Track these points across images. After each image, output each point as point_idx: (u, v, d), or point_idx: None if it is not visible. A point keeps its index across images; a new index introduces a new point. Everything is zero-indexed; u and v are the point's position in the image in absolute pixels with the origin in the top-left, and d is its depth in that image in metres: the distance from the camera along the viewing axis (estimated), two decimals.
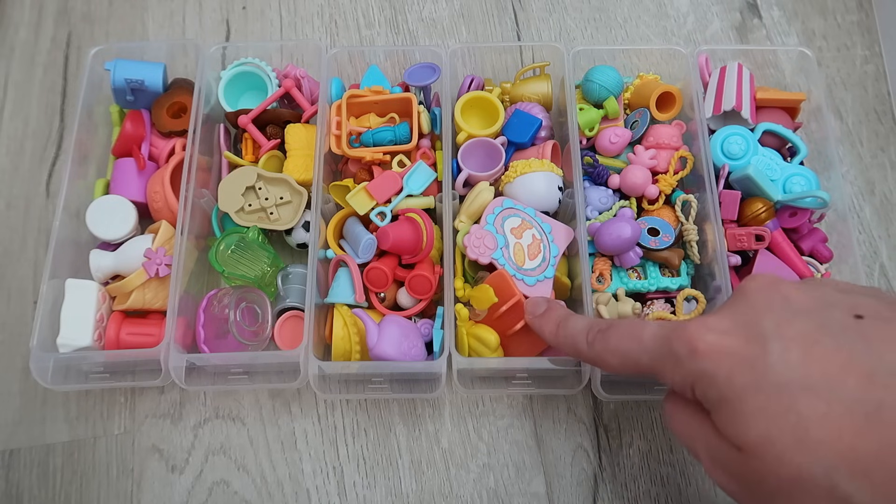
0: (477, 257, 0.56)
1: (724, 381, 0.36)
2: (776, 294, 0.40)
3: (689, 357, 0.38)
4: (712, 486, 0.58)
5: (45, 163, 0.71)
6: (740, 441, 0.36)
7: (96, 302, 0.58)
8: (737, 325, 0.38)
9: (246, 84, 0.69)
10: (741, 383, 0.36)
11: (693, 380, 0.38)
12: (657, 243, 0.60)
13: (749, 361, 0.36)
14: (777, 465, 0.34)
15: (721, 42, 0.77)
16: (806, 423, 0.34)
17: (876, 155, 0.71)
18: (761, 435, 0.35)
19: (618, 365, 0.44)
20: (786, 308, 0.38)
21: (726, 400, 0.36)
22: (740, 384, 0.36)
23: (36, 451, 0.59)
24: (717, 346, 0.37)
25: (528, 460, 0.59)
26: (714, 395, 0.37)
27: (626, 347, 0.43)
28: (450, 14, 0.78)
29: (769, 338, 0.37)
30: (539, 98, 0.67)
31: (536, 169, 0.61)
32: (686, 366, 0.38)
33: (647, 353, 0.42)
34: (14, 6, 0.78)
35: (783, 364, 0.35)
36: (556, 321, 0.50)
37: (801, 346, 0.36)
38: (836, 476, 0.33)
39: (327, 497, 0.58)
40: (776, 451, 0.34)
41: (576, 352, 0.48)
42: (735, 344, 0.37)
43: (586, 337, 0.46)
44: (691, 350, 0.38)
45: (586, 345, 0.46)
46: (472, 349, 0.56)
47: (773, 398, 0.35)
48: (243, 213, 0.62)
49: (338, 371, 0.59)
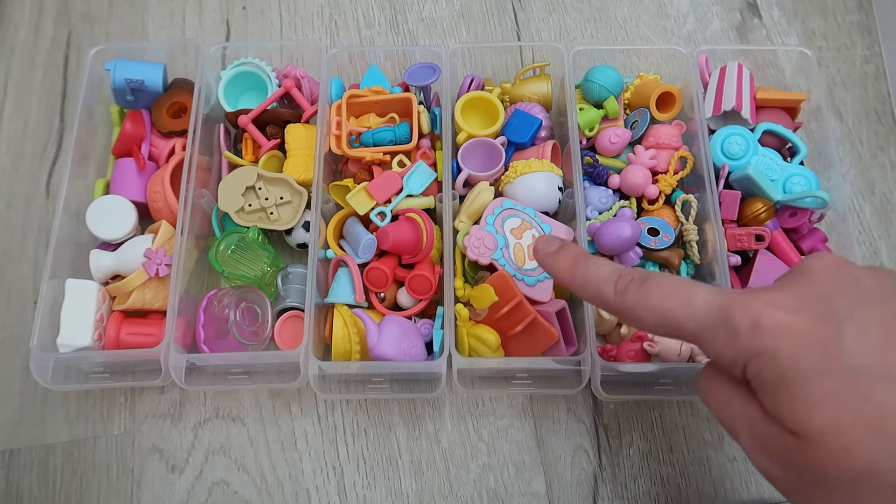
0: (477, 258, 0.56)
1: (788, 361, 0.33)
2: (846, 275, 0.37)
3: (750, 331, 0.35)
4: (712, 485, 0.58)
5: (45, 163, 0.71)
6: (801, 426, 0.33)
7: (96, 302, 0.58)
8: (805, 304, 0.35)
9: (246, 84, 0.69)
10: (808, 365, 0.33)
11: (749, 356, 0.35)
12: (657, 243, 0.60)
13: (820, 343, 0.33)
14: (843, 455, 0.32)
15: (721, 42, 0.77)
16: (882, 414, 0.31)
17: (876, 155, 0.71)
18: (828, 422, 0.32)
19: (654, 323, 0.39)
20: (858, 291, 0.36)
21: (787, 381, 0.34)
22: (807, 366, 0.33)
23: (36, 451, 0.59)
24: (785, 323, 0.34)
25: (528, 460, 0.59)
26: (773, 374, 0.34)
27: (670, 306, 0.38)
28: (450, 14, 0.78)
29: (843, 319, 0.34)
30: (539, 98, 0.67)
31: (536, 169, 0.61)
32: (744, 340, 0.35)
33: (696, 319, 0.37)
34: (14, 6, 0.78)
35: (859, 348, 0.33)
36: (572, 259, 0.44)
37: (879, 331, 0.33)
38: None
39: (327, 497, 0.58)
40: (845, 440, 0.32)
41: (598, 298, 0.42)
42: (805, 322, 0.34)
43: (615, 284, 0.41)
44: (755, 325, 0.35)
45: (614, 293, 0.41)
46: (473, 349, 0.56)
47: (845, 383, 0.32)
48: (243, 213, 0.62)
49: (338, 371, 0.59)
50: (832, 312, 0.34)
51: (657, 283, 0.39)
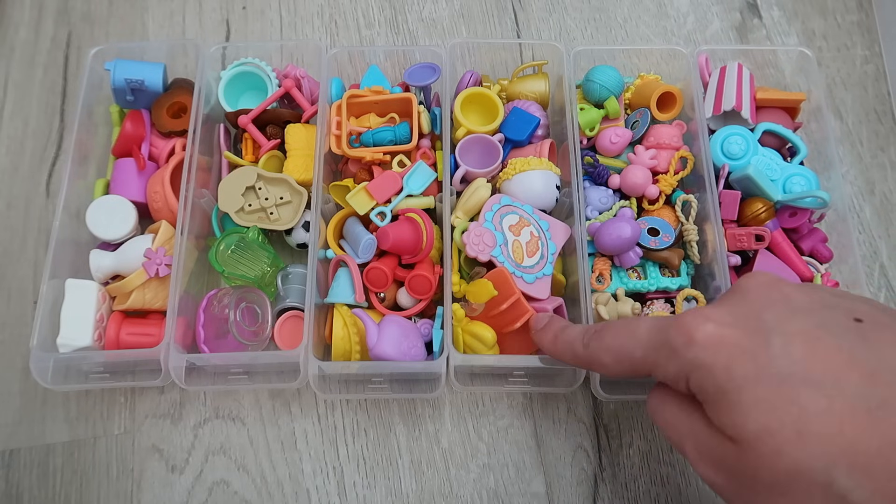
0: (476, 254, 0.56)
1: (723, 372, 0.36)
2: (776, 292, 0.39)
3: (685, 347, 0.38)
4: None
5: (45, 163, 0.71)
6: (737, 433, 0.35)
7: (96, 302, 0.58)
8: (737, 318, 0.38)
9: (246, 84, 0.69)
10: (741, 374, 0.35)
11: (689, 370, 0.38)
12: (657, 243, 0.60)
13: (750, 352, 0.36)
14: (775, 457, 0.34)
15: (721, 42, 0.77)
16: (807, 417, 0.33)
17: (876, 155, 0.71)
18: (760, 427, 0.34)
19: (612, 362, 0.44)
20: (786, 305, 0.38)
21: (724, 391, 0.36)
22: (740, 375, 0.35)
23: (36, 451, 0.59)
24: (717, 336, 0.37)
25: (528, 460, 0.59)
26: (711, 385, 0.37)
27: (620, 343, 0.43)
28: (450, 14, 0.78)
29: (771, 331, 0.36)
30: (536, 96, 0.67)
31: (535, 167, 0.61)
32: (682, 356, 0.38)
33: (642, 345, 0.41)
34: (14, 6, 0.78)
35: (785, 357, 0.35)
36: (554, 332, 0.50)
37: (803, 341, 0.35)
38: (835, 472, 0.32)
39: (327, 497, 0.58)
40: (775, 443, 0.34)
41: (573, 356, 0.47)
42: (735, 335, 0.37)
43: (582, 339, 0.46)
44: (688, 340, 0.37)
45: (582, 347, 0.46)
46: (469, 346, 0.56)
47: (774, 390, 0.34)
48: (243, 213, 0.62)
49: (338, 371, 0.59)
50: (761, 325, 0.37)
51: (610, 327, 0.45)
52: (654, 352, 0.40)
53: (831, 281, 0.60)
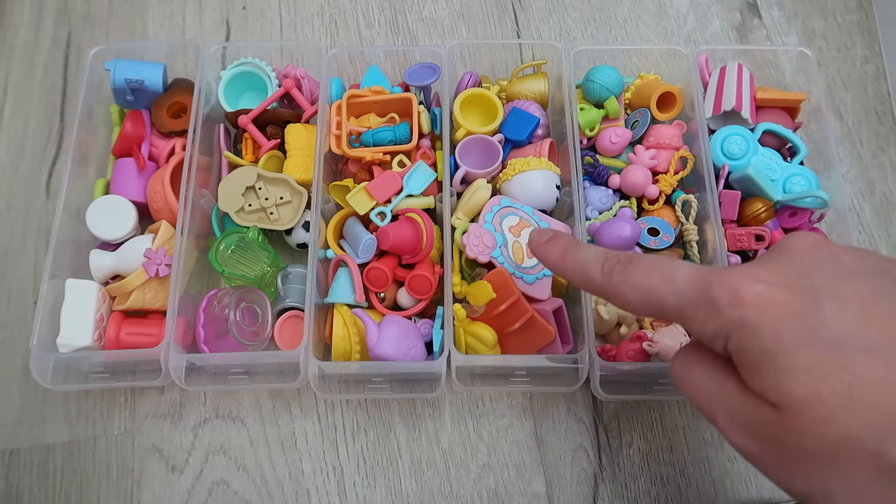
0: (476, 255, 0.56)
1: (770, 333, 0.34)
2: (825, 253, 0.37)
3: (731, 305, 0.35)
4: (712, 485, 0.58)
5: (45, 163, 0.71)
6: (781, 398, 0.33)
7: (96, 302, 0.58)
8: (786, 279, 0.35)
9: (246, 84, 0.69)
10: (790, 337, 0.33)
11: (731, 329, 0.35)
12: (657, 243, 0.60)
13: (801, 316, 0.34)
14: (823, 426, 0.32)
15: (721, 42, 0.77)
16: (861, 385, 0.31)
17: (876, 155, 0.71)
18: (809, 392, 0.32)
19: (638, 302, 0.40)
20: (837, 267, 0.36)
21: (769, 353, 0.34)
22: (789, 337, 0.33)
23: (36, 451, 0.59)
24: (766, 296, 0.34)
25: (528, 460, 0.59)
26: (755, 346, 0.34)
27: (652, 284, 0.39)
28: (450, 14, 0.78)
29: (823, 294, 0.34)
30: (536, 96, 0.67)
31: (535, 167, 0.61)
32: (725, 314, 0.35)
33: (678, 294, 0.38)
34: (14, 6, 0.78)
35: (839, 321, 0.33)
36: (562, 246, 0.45)
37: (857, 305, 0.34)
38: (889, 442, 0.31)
39: (327, 497, 0.58)
40: (825, 410, 0.32)
41: (586, 281, 0.43)
42: (786, 296, 0.34)
43: (602, 266, 0.42)
44: (736, 298, 0.35)
45: (601, 274, 0.42)
46: (469, 346, 0.56)
47: (825, 355, 0.32)
48: (243, 213, 0.62)
49: (337, 371, 0.59)
50: (812, 287, 0.35)
51: (640, 262, 0.40)
52: (691, 304, 0.37)
53: None
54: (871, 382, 0.31)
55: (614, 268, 0.41)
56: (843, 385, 0.32)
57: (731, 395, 0.36)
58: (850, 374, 0.32)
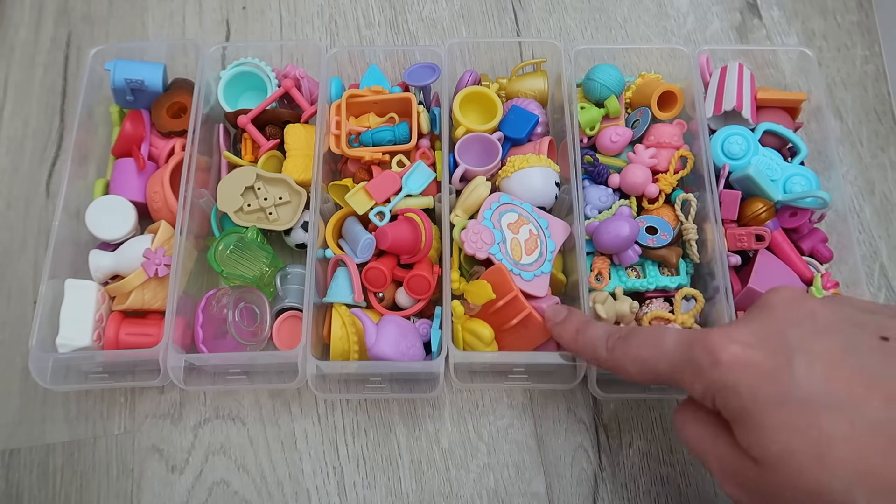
0: (474, 252, 0.56)
1: (747, 394, 0.36)
2: (802, 309, 0.39)
3: (711, 367, 0.38)
4: (712, 485, 0.58)
5: (45, 163, 0.71)
6: (760, 454, 0.36)
7: (96, 302, 0.58)
8: (761, 338, 0.38)
9: (245, 84, 0.69)
10: (764, 396, 0.36)
11: (715, 390, 0.38)
12: (655, 241, 0.60)
13: (773, 375, 0.36)
14: (796, 478, 0.34)
15: (721, 42, 0.77)
16: (828, 440, 0.34)
17: (876, 155, 0.71)
18: (782, 448, 0.35)
19: (636, 372, 0.44)
20: (812, 324, 0.38)
21: (748, 412, 0.36)
22: (763, 397, 0.36)
23: (36, 451, 0.59)
24: (741, 357, 0.37)
25: (528, 460, 0.59)
26: (736, 406, 0.37)
27: (646, 354, 0.43)
28: (450, 14, 0.78)
29: (794, 352, 0.36)
30: (535, 94, 0.67)
31: (534, 164, 0.61)
32: (708, 375, 0.38)
33: (667, 359, 0.41)
34: (14, 6, 0.78)
35: (807, 379, 0.35)
36: (575, 327, 0.50)
37: (826, 362, 0.36)
38: (856, 494, 0.33)
39: (327, 497, 0.58)
40: (796, 464, 0.34)
41: (595, 358, 0.47)
42: (759, 356, 0.37)
43: (606, 343, 0.46)
44: (714, 360, 0.38)
45: (606, 351, 0.46)
46: (467, 343, 0.56)
47: (797, 412, 0.35)
48: (242, 213, 0.62)
49: (336, 371, 0.59)
50: (785, 345, 0.37)
51: (635, 335, 0.44)
52: (679, 368, 0.40)
53: (831, 281, 0.60)
54: (838, 439, 0.34)
55: (616, 343, 0.45)
56: (812, 441, 0.34)
57: (722, 449, 0.39)
58: (818, 431, 0.34)
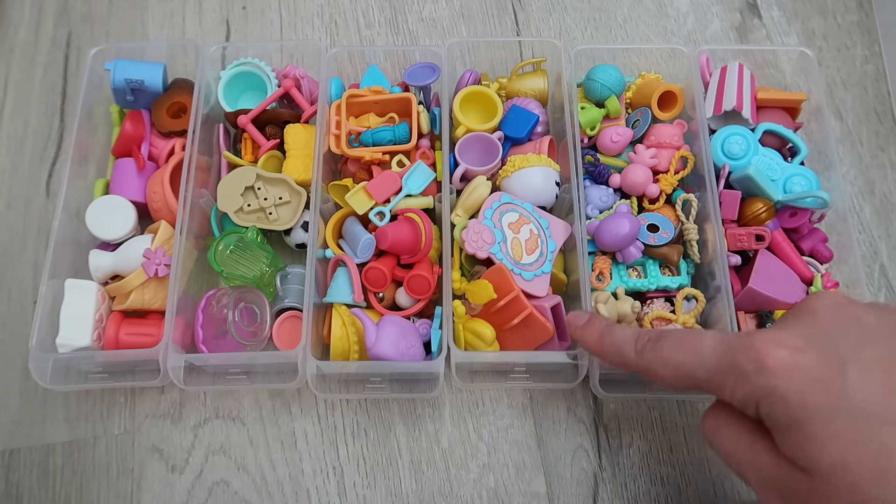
0: (475, 251, 0.56)
1: (797, 402, 0.35)
2: (847, 314, 0.38)
3: (756, 373, 0.36)
4: (712, 485, 0.58)
5: (45, 163, 0.71)
6: (811, 464, 0.34)
7: (95, 302, 0.58)
8: (809, 343, 0.36)
9: (245, 84, 0.69)
10: (816, 404, 0.34)
11: (759, 396, 0.36)
12: (656, 240, 0.60)
13: (825, 382, 0.35)
14: (850, 492, 0.33)
15: (721, 42, 0.77)
16: (889, 455, 0.33)
17: (876, 155, 0.71)
18: (836, 461, 0.34)
19: (670, 377, 0.42)
20: (859, 330, 0.37)
21: (798, 421, 0.35)
22: (815, 405, 0.34)
23: (36, 451, 0.59)
24: (790, 362, 0.36)
25: (528, 460, 0.59)
26: (783, 414, 0.35)
27: (681, 359, 0.41)
28: (450, 14, 0.78)
29: (846, 359, 0.35)
30: (535, 94, 0.67)
31: (534, 164, 0.61)
32: (752, 382, 0.36)
33: (705, 366, 0.39)
34: (14, 6, 0.78)
35: (862, 389, 0.34)
36: (599, 330, 0.48)
37: (880, 371, 0.35)
38: None
39: (327, 497, 0.58)
40: (851, 477, 0.33)
41: (622, 360, 0.45)
42: (809, 362, 0.35)
43: (634, 346, 0.44)
44: (760, 365, 0.36)
45: (634, 354, 0.44)
46: (468, 343, 0.56)
47: (851, 424, 0.34)
48: (242, 213, 0.62)
49: (336, 371, 0.59)
50: (835, 352, 0.36)
51: (668, 338, 0.42)
52: (719, 374, 0.38)
53: (831, 281, 0.60)
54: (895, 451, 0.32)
55: (645, 346, 0.43)
56: (871, 455, 0.33)
57: (761, 458, 0.37)
58: (878, 444, 0.33)
